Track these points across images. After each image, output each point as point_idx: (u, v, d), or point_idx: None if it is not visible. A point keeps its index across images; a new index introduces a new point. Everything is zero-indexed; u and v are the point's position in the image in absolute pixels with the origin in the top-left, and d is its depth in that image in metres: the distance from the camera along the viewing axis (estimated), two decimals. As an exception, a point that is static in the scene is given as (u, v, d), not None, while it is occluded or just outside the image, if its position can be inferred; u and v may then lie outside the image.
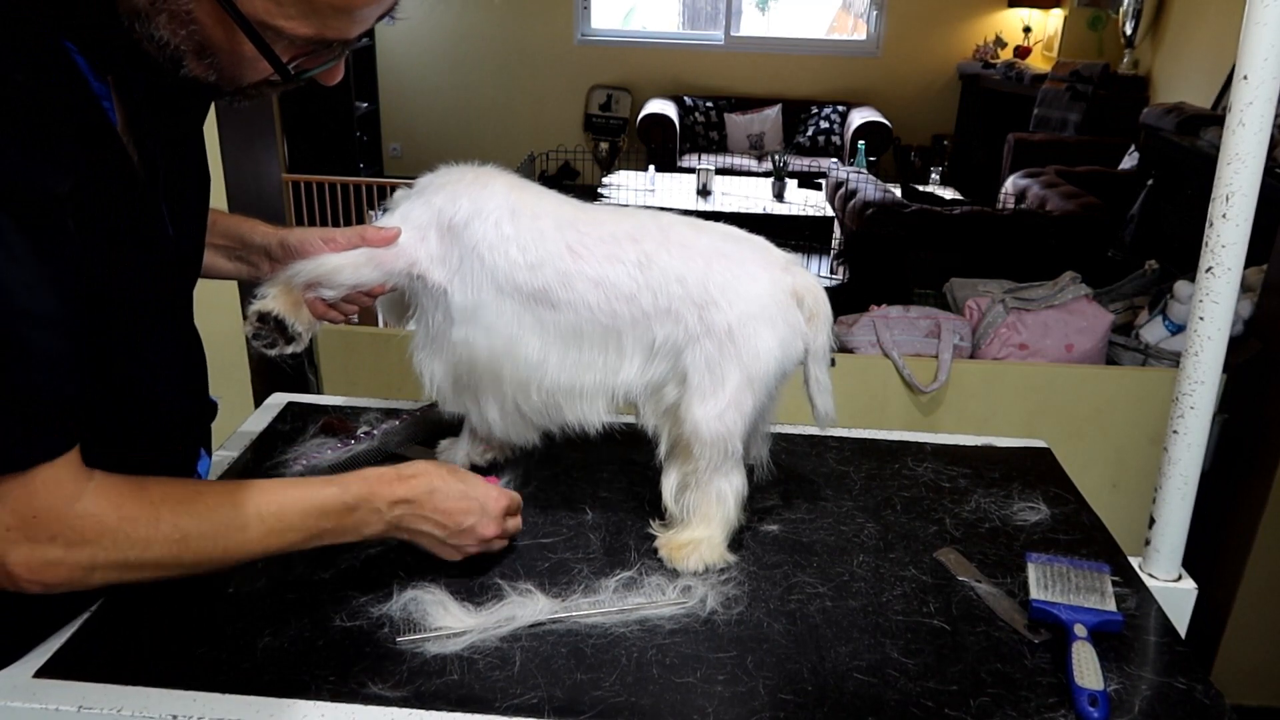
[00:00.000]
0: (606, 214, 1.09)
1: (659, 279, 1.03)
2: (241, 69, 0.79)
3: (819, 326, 1.08)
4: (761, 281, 1.04)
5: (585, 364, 1.06)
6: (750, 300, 1.02)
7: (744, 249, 1.07)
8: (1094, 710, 0.84)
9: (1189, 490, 1.20)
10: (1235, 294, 1.12)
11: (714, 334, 1.02)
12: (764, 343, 1.02)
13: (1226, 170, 1.08)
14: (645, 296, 1.03)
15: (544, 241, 1.04)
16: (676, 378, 1.05)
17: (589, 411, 1.08)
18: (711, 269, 1.03)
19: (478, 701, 0.84)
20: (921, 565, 1.07)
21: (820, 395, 1.11)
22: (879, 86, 6.83)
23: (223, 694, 0.83)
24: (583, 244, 1.04)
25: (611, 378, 1.06)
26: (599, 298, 1.03)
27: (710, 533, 1.04)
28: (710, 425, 1.01)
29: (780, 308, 1.04)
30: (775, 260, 1.07)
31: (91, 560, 0.79)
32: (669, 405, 1.06)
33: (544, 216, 1.05)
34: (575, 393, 1.07)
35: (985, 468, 1.29)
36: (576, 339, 1.05)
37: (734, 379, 1.02)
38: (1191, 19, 5.10)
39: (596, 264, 1.03)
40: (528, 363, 1.06)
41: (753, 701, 0.85)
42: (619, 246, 1.04)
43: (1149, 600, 1.03)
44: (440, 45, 6.81)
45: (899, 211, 4.04)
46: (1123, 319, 2.38)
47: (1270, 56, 1.03)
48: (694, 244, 1.05)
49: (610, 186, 5.52)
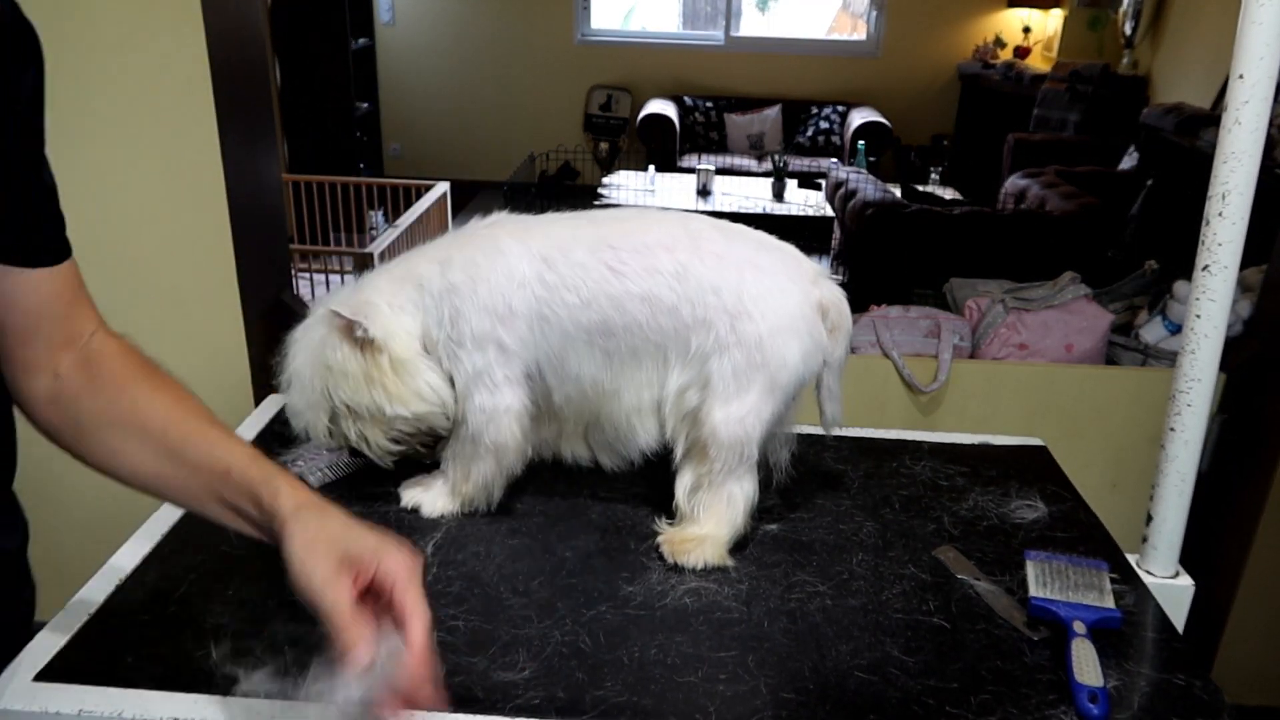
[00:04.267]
0: (629, 222, 1.08)
1: (695, 290, 1.03)
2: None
3: (839, 339, 1.09)
4: (793, 295, 1.05)
5: (644, 382, 1.08)
6: (781, 314, 1.03)
7: (776, 260, 1.07)
8: (1094, 707, 0.84)
9: (1186, 488, 1.20)
10: (1232, 292, 1.12)
11: (744, 344, 1.02)
12: (790, 354, 1.03)
13: (1223, 169, 1.08)
14: (685, 308, 1.04)
15: (587, 273, 1.04)
16: (700, 382, 1.05)
17: (651, 427, 1.10)
18: (744, 280, 1.03)
19: (479, 702, 0.84)
20: (920, 563, 1.07)
21: (830, 402, 1.13)
22: (879, 86, 6.84)
23: (224, 697, 0.83)
24: (620, 260, 1.04)
25: (660, 391, 1.08)
26: (646, 315, 1.04)
27: (715, 532, 1.05)
28: (730, 429, 1.02)
29: (807, 321, 1.05)
30: (805, 273, 1.08)
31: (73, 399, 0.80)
32: (690, 409, 1.06)
33: (573, 249, 1.05)
34: (640, 411, 1.09)
35: (983, 466, 1.29)
36: (635, 360, 1.07)
37: (758, 387, 1.03)
38: (1191, 19, 5.10)
39: (638, 279, 1.03)
40: (609, 394, 1.08)
41: (754, 700, 0.85)
42: (654, 257, 1.04)
43: (1147, 597, 1.04)
44: (440, 45, 6.81)
45: (899, 211, 4.04)
46: (1122, 319, 2.38)
47: (1266, 56, 1.03)
48: (727, 254, 1.05)
49: (610, 186, 5.52)
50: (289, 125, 5.70)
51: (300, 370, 1.06)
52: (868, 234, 4.04)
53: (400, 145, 7.00)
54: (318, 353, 1.04)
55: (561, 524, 1.12)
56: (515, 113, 6.92)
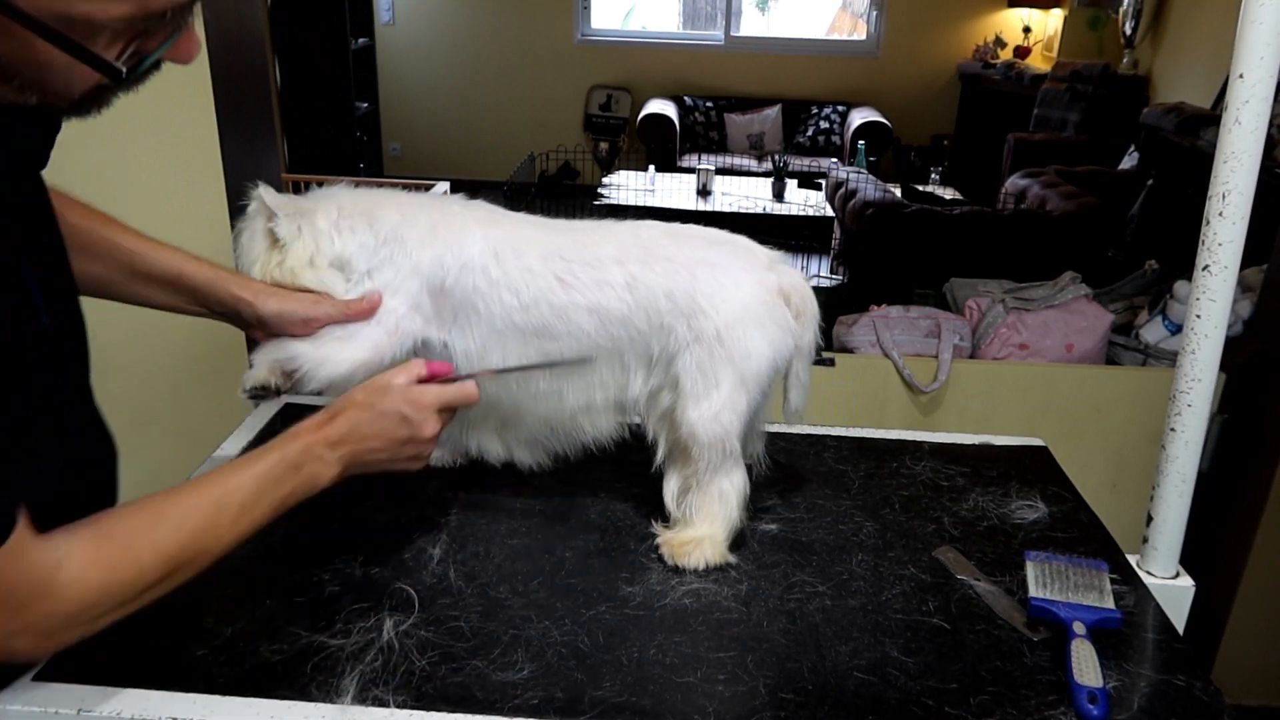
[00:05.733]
0: (587, 235, 1.09)
1: (647, 298, 1.03)
2: (61, 79, 0.67)
3: (806, 323, 1.09)
4: (745, 285, 1.05)
5: (597, 384, 1.08)
6: (736, 304, 1.03)
7: (727, 254, 1.07)
8: (1093, 708, 0.84)
9: (1186, 488, 1.20)
10: (1232, 292, 1.12)
11: (703, 340, 1.02)
12: (753, 343, 1.03)
13: (1223, 168, 1.08)
14: (638, 317, 1.04)
15: (533, 279, 1.04)
16: (670, 383, 1.06)
17: (604, 426, 1.11)
18: (696, 279, 1.03)
19: (479, 702, 0.84)
20: (920, 564, 1.07)
21: (796, 390, 1.12)
22: (879, 86, 6.84)
23: (223, 696, 0.83)
24: (570, 273, 1.04)
25: (621, 393, 1.08)
26: (595, 324, 1.04)
27: (712, 531, 1.04)
28: (707, 427, 1.02)
29: (767, 307, 1.05)
30: (759, 261, 1.08)
31: (94, 617, 0.77)
32: (664, 410, 1.07)
33: (527, 251, 1.05)
34: (590, 411, 1.09)
35: (983, 466, 1.29)
36: (582, 364, 1.06)
37: (727, 381, 1.02)
38: (1191, 19, 5.10)
39: (587, 292, 1.04)
40: (543, 395, 1.08)
41: (753, 701, 0.85)
42: (605, 271, 1.04)
43: (1147, 598, 1.04)
44: (440, 45, 6.82)
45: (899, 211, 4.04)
46: (1123, 319, 2.38)
47: (1266, 55, 1.03)
48: (676, 256, 1.05)
49: (610, 186, 5.52)
50: (289, 125, 5.70)
51: (237, 233, 1.11)
52: (868, 234, 4.04)
53: (400, 145, 7.00)
54: (243, 222, 1.09)
55: (561, 524, 1.12)
56: (515, 113, 6.93)
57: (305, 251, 1.06)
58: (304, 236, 1.06)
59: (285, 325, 1.04)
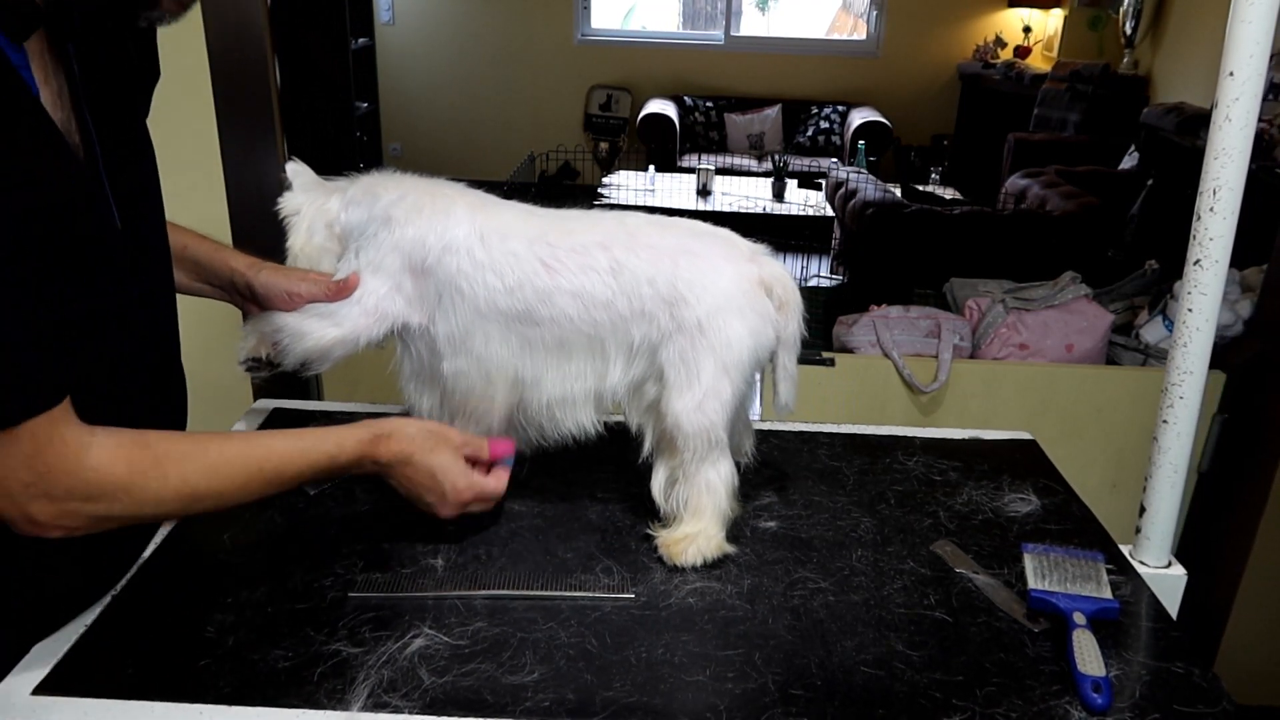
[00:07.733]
0: (573, 222, 1.10)
1: (630, 283, 1.04)
2: None
3: (789, 314, 1.09)
4: (726, 274, 1.05)
5: (575, 374, 1.08)
6: (717, 293, 1.04)
7: (708, 244, 1.08)
8: (1098, 696, 0.84)
9: (1179, 479, 1.21)
10: (1222, 286, 1.14)
11: (685, 329, 1.03)
12: (734, 332, 1.04)
13: (1214, 164, 1.09)
14: (620, 301, 1.05)
15: (518, 262, 1.05)
16: (654, 375, 1.06)
17: (584, 418, 1.10)
18: (678, 267, 1.04)
19: (490, 706, 0.83)
20: (919, 558, 1.08)
21: (784, 383, 1.13)
22: (879, 86, 6.84)
23: (227, 706, 0.82)
24: (555, 257, 1.05)
25: (600, 383, 1.08)
26: (578, 309, 1.05)
27: (703, 526, 1.05)
28: (691, 417, 1.03)
29: (747, 297, 1.05)
30: (740, 252, 1.09)
31: (108, 512, 0.82)
32: (650, 402, 1.07)
33: (513, 236, 1.06)
34: (568, 402, 1.09)
35: (974, 461, 1.30)
36: (563, 351, 1.07)
37: (709, 369, 1.03)
38: (1191, 19, 5.11)
39: (571, 276, 1.05)
40: (522, 382, 1.08)
41: (764, 698, 0.85)
42: (590, 256, 1.05)
43: (1142, 587, 1.05)
44: (440, 45, 6.82)
45: (899, 211, 4.05)
46: (1123, 319, 2.39)
47: (1255, 53, 1.04)
48: (660, 244, 1.06)
49: (610, 186, 5.52)
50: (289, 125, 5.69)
51: None
52: (868, 234, 4.04)
53: (400, 145, 7.00)
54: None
55: (560, 526, 1.12)
56: (515, 113, 6.93)
57: (304, 225, 1.10)
58: (305, 212, 1.10)
59: (271, 298, 1.08)
